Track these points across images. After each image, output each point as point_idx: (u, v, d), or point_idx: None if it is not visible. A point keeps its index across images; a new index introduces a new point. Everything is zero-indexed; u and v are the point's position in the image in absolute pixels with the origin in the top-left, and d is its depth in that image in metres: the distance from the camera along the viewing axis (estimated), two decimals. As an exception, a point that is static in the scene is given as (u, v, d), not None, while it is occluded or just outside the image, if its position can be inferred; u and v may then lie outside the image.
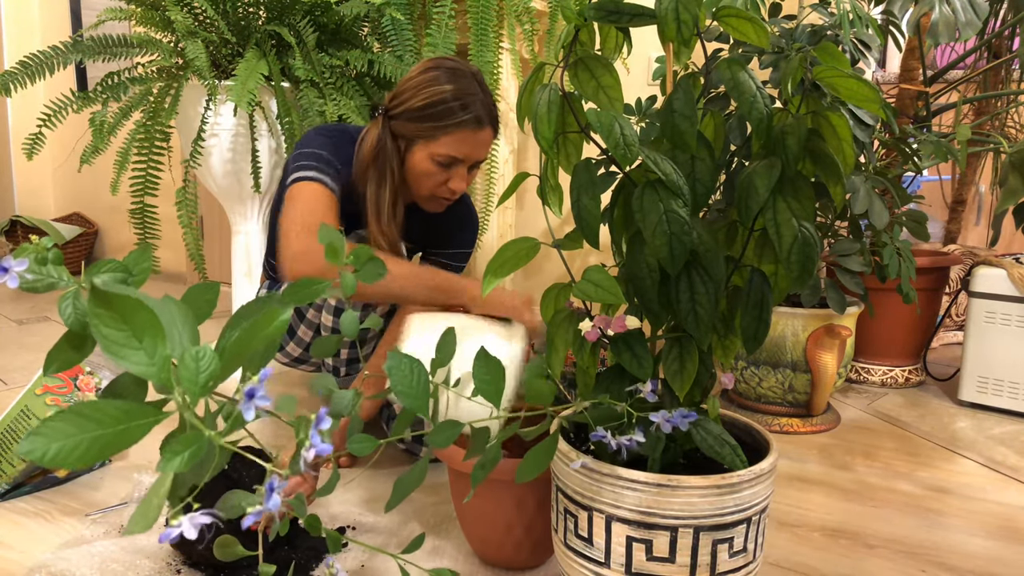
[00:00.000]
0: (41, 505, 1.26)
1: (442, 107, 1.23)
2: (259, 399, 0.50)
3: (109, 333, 0.50)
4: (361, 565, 1.08)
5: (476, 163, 1.30)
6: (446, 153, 1.25)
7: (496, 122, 1.30)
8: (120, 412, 0.48)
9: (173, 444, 0.49)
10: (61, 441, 0.46)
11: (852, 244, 1.67)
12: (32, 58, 1.80)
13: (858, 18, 1.60)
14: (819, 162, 0.81)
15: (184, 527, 0.49)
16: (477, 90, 1.26)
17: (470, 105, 1.24)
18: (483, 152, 1.29)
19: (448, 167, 1.27)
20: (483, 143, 1.28)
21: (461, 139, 1.24)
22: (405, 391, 0.75)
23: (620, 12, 0.79)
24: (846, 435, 1.66)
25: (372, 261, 0.74)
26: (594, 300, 0.77)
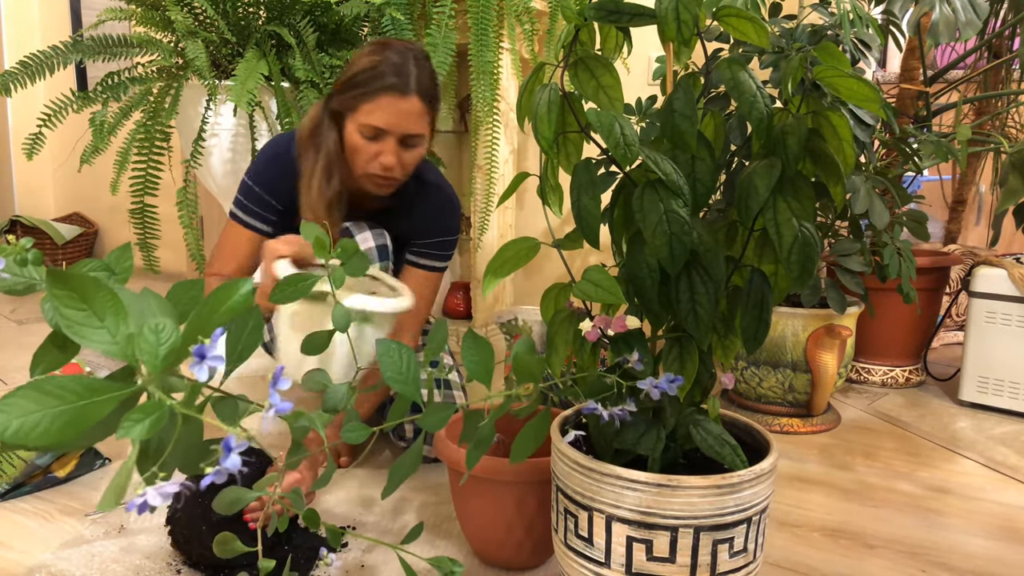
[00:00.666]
0: (41, 505, 1.26)
1: (365, 75, 1.21)
2: (211, 360, 0.49)
3: (69, 313, 0.49)
4: (361, 565, 1.08)
5: (406, 138, 1.24)
6: (368, 123, 1.21)
7: (430, 97, 1.24)
8: (82, 387, 0.47)
9: (133, 413, 0.48)
10: (21, 418, 0.45)
11: (852, 244, 1.67)
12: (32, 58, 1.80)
13: (858, 18, 1.60)
14: (819, 162, 0.81)
15: (149, 496, 0.49)
16: (408, 63, 1.22)
17: (393, 72, 1.20)
18: (410, 124, 1.22)
19: (376, 140, 1.23)
20: (408, 113, 1.21)
21: (381, 106, 1.21)
22: (396, 377, 0.75)
23: (620, 12, 0.79)
24: (846, 435, 1.66)
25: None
26: (594, 300, 0.77)
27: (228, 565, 1.05)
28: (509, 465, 1.01)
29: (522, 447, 0.76)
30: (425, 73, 1.24)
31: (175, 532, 1.08)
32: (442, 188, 1.42)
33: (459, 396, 1.42)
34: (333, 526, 0.83)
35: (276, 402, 0.55)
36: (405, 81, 1.21)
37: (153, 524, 1.20)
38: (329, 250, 0.82)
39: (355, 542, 1.15)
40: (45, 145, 1.86)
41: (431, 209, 1.40)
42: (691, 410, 0.85)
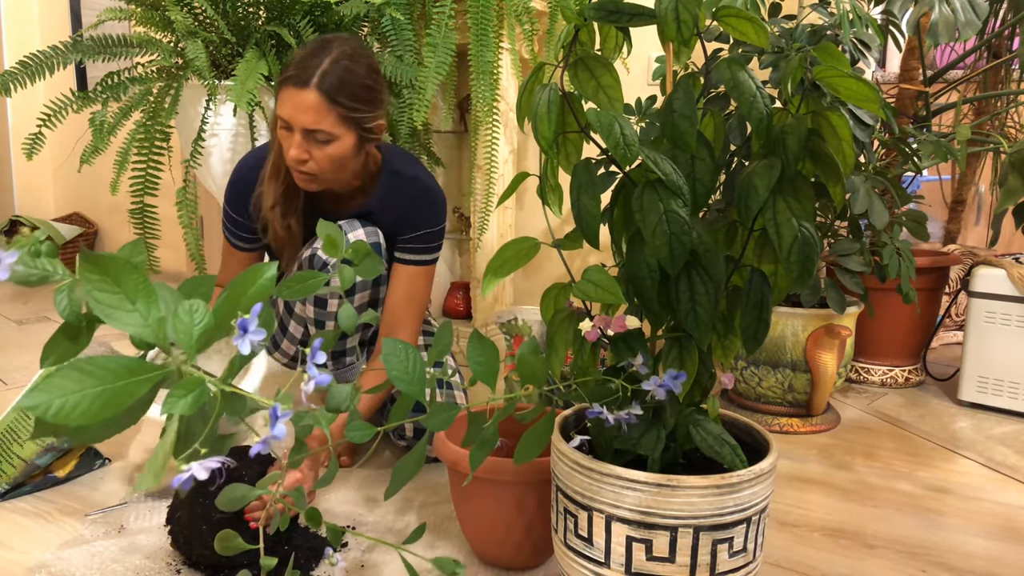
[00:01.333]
0: (41, 505, 1.26)
1: (282, 70, 1.24)
2: (253, 333, 0.50)
3: (102, 297, 0.49)
4: (361, 565, 1.08)
5: (309, 132, 1.22)
6: (279, 114, 1.23)
7: (337, 94, 1.21)
8: (121, 368, 0.48)
9: (176, 389, 0.48)
10: (62, 398, 0.45)
11: (852, 244, 1.67)
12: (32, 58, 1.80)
13: (858, 18, 1.60)
14: (819, 162, 0.81)
15: (195, 470, 0.49)
16: (316, 54, 1.21)
17: (299, 65, 1.21)
18: (306, 118, 1.20)
19: (288, 132, 1.24)
20: (303, 106, 1.20)
21: (283, 98, 1.22)
22: (401, 377, 0.75)
23: (620, 12, 0.79)
24: (846, 435, 1.66)
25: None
26: (594, 300, 0.77)
27: (228, 565, 1.05)
28: (509, 465, 1.01)
29: (527, 450, 0.76)
30: (339, 70, 1.21)
31: (175, 532, 1.08)
32: (420, 179, 1.40)
33: (460, 397, 1.42)
34: (334, 525, 0.83)
35: (315, 374, 0.58)
36: (306, 74, 1.20)
37: (153, 524, 1.20)
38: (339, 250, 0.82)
39: (356, 542, 1.15)
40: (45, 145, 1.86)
41: (410, 202, 1.39)
42: (691, 410, 0.85)
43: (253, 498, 0.78)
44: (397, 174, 1.38)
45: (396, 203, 1.39)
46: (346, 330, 0.83)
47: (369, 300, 1.38)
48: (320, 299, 1.36)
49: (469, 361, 0.80)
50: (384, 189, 1.37)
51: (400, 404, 0.81)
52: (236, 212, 1.38)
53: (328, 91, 1.20)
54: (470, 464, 0.77)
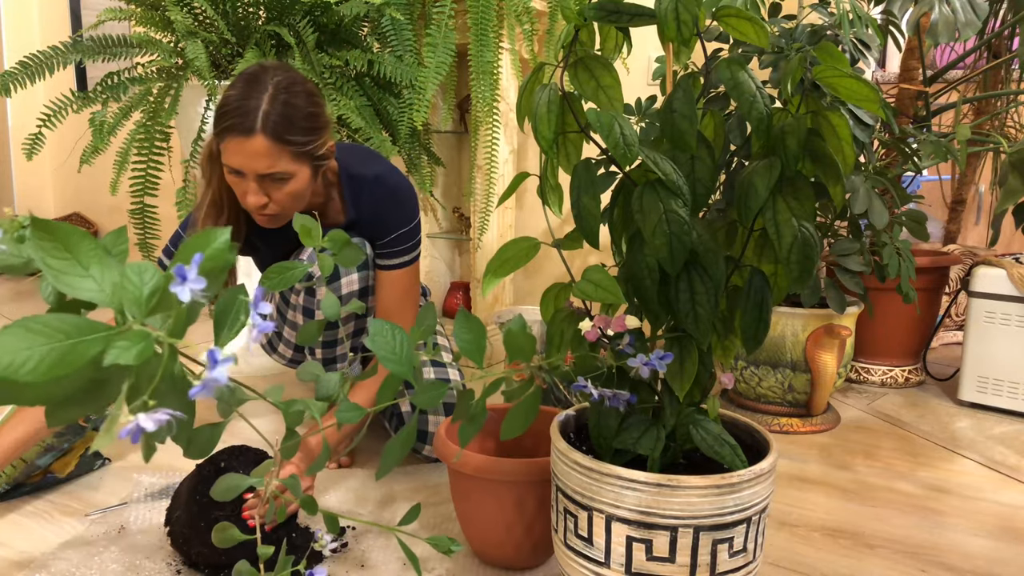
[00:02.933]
0: (41, 505, 1.26)
1: (218, 115, 1.16)
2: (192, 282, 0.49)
3: (56, 263, 0.49)
4: (361, 565, 1.08)
5: (264, 176, 1.17)
6: (226, 163, 1.17)
7: (281, 135, 1.14)
8: (69, 326, 0.46)
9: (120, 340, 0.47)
10: (10, 355, 0.44)
11: (852, 244, 1.67)
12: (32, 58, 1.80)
13: (858, 18, 1.60)
14: (819, 162, 0.81)
15: (140, 420, 0.48)
16: (260, 96, 1.14)
17: (237, 112, 1.13)
18: (257, 163, 1.15)
19: (240, 179, 1.18)
20: (253, 154, 1.14)
21: (229, 148, 1.15)
22: (388, 356, 0.74)
23: (620, 12, 0.79)
24: (846, 435, 1.66)
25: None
26: (594, 300, 0.77)
27: (227, 564, 1.05)
28: (509, 465, 1.01)
29: (513, 424, 0.75)
30: (278, 107, 1.14)
31: (174, 532, 1.08)
32: (382, 178, 1.34)
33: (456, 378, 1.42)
34: (330, 512, 0.82)
35: (259, 322, 0.56)
36: (248, 120, 1.13)
37: (153, 524, 1.20)
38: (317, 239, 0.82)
39: (355, 542, 1.15)
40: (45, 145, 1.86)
41: (377, 204, 1.34)
42: (691, 410, 0.85)
43: (245, 487, 0.78)
44: (356, 177, 1.33)
45: (365, 208, 1.34)
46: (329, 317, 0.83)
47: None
48: (308, 309, 1.35)
49: (456, 337, 0.79)
50: (349, 197, 1.33)
51: (386, 385, 0.79)
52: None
53: (275, 132, 1.14)
54: (459, 439, 0.76)
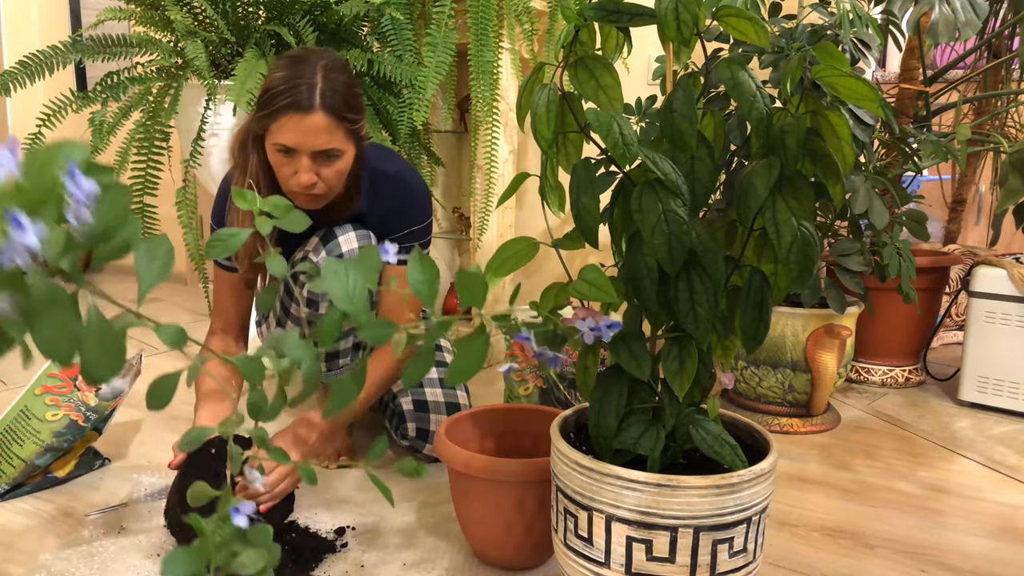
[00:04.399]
0: (41, 505, 1.26)
1: (267, 94, 1.19)
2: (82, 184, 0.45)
3: None
4: (361, 565, 1.08)
5: (318, 154, 1.21)
6: (277, 141, 1.20)
7: (340, 109, 1.20)
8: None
9: None
10: None
11: (852, 244, 1.67)
12: (32, 58, 1.80)
13: (858, 18, 1.60)
14: (819, 162, 0.81)
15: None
16: (313, 75, 1.18)
17: (294, 89, 1.17)
18: (316, 140, 1.19)
19: (290, 158, 1.21)
20: (312, 130, 1.18)
21: (285, 125, 1.18)
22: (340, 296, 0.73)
23: (620, 12, 0.79)
24: (846, 435, 1.66)
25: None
26: (590, 299, 0.77)
27: (228, 565, 1.05)
28: (509, 465, 1.01)
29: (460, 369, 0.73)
30: (335, 84, 1.20)
31: (169, 519, 1.11)
32: (401, 176, 1.38)
33: (461, 395, 1.42)
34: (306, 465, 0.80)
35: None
36: (307, 97, 1.17)
37: (153, 524, 1.20)
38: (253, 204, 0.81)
39: (354, 542, 1.15)
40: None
41: (394, 201, 1.37)
42: (691, 410, 0.85)
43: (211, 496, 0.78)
44: (377, 172, 1.36)
45: (380, 202, 1.37)
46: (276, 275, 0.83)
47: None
48: (312, 300, 1.35)
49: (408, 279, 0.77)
50: (367, 190, 1.36)
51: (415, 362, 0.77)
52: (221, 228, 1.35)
53: (332, 108, 1.19)
54: (403, 381, 0.75)
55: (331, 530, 1.17)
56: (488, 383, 2.01)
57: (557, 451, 0.86)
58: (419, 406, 1.39)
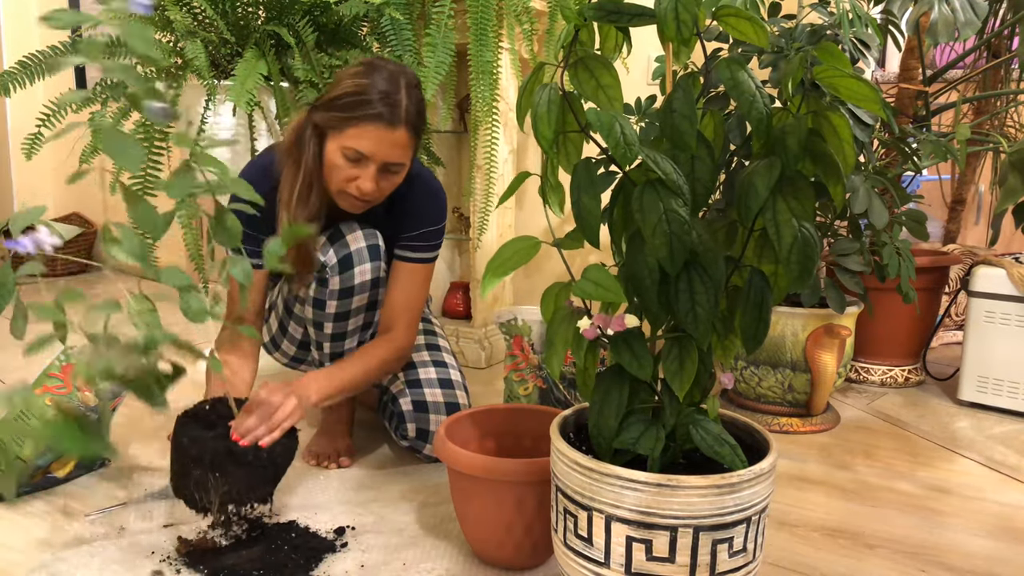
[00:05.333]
0: (41, 505, 1.26)
1: (355, 98, 1.20)
2: None
3: None
4: (361, 565, 1.08)
5: (388, 165, 1.24)
6: (352, 146, 1.21)
7: (417, 130, 1.25)
8: None
9: None
10: None
11: (852, 244, 1.67)
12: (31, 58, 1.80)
13: (857, 17, 1.60)
14: (819, 162, 0.81)
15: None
16: (399, 92, 1.21)
17: (383, 101, 1.19)
18: (393, 153, 1.22)
19: (357, 163, 1.23)
20: (393, 144, 1.21)
21: (368, 134, 1.20)
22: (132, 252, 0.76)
23: (620, 12, 0.79)
24: (846, 435, 1.66)
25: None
26: (594, 299, 0.77)
27: (227, 566, 1.05)
28: (509, 465, 1.01)
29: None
30: (414, 102, 1.23)
31: (172, 481, 1.10)
32: (424, 178, 1.41)
33: (461, 396, 1.42)
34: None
35: None
36: (395, 112, 1.20)
37: (153, 524, 1.19)
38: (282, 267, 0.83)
39: (354, 543, 1.14)
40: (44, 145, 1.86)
41: (414, 202, 1.39)
42: (691, 410, 0.85)
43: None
44: None
45: (399, 201, 1.39)
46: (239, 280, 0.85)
47: (368, 301, 1.38)
48: (319, 300, 1.35)
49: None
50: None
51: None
52: (246, 225, 1.35)
53: (414, 126, 1.24)
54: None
55: (331, 530, 1.17)
56: (488, 383, 2.01)
57: (557, 451, 0.86)
58: (419, 407, 1.39)
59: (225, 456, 1.06)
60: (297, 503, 1.27)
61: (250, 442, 1.08)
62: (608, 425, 0.84)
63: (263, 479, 1.10)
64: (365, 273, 1.34)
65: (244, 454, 1.06)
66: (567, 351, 0.85)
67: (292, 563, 1.07)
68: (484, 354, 2.17)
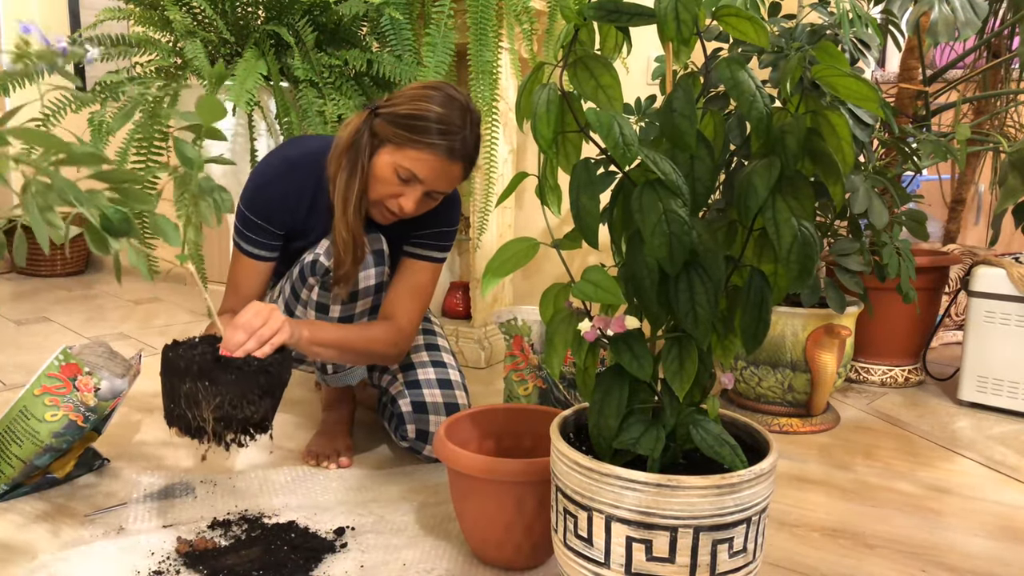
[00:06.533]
0: (40, 505, 1.26)
1: (423, 122, 1.23)
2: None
3: None
4: (361, 566, 1.08)
5: (434, 193, 1.29)
6: (408, 167, 1.24)
7: (471, 164, 1.29)
8: None
9: None
10: None
11: (852, 244, 1.67)
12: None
13: (857, 17, 1.60)
14: (818, 161, 0.81)
15: None
16: (464, 125, 1.25)
17: (450, 133, 1.23)
18: (445, 184, 1.27)
19: (406, 183, 1.26)
20: (448, 175, 1.26)
21: (427, 161, 1.23)
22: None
23: (620, 12, 0.79)
24: (846, 435, 1.66)
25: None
26: (593, 300, 0.77)
27: (227, 566, 1.05)
28: (509, 465, 1.01)
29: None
30: (474, 139, 1.28)
31: (167, 410, 1.08)
32: None
33: (461, 396, 1.42)
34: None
35: None
36: (459, 147, 1.24)
37: (153, 524, 1.19)
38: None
39: (354, 543, 1.14)
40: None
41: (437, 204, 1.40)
42: (691, 410, 0.85)
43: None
44: None
45: None
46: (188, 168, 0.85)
47: (372, 305, 1.38)
48: (322, 304, 1.35)
49: None
50: None
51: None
52: (259, 217, 1.34)
53: (469, 162, 1.29)
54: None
55: (331, 530, 1.17)
56: (488, 383, 2.01)
57: (557, 451, 0.86)
58: (418, 407, 1.39)
59: (213, 363, 1.03)
60: (297, 503, 1.27)
61: (241, 355, 1.06)
62: (608, 425, 0.84)
63: (257, 388, 1.05)
64: (369, 278, 1.34)
65: (234, 361, 1.04)
66: (567, 351, 0.85)
67: (292, 563, 1.07)
68: (484, 354, 2.17)
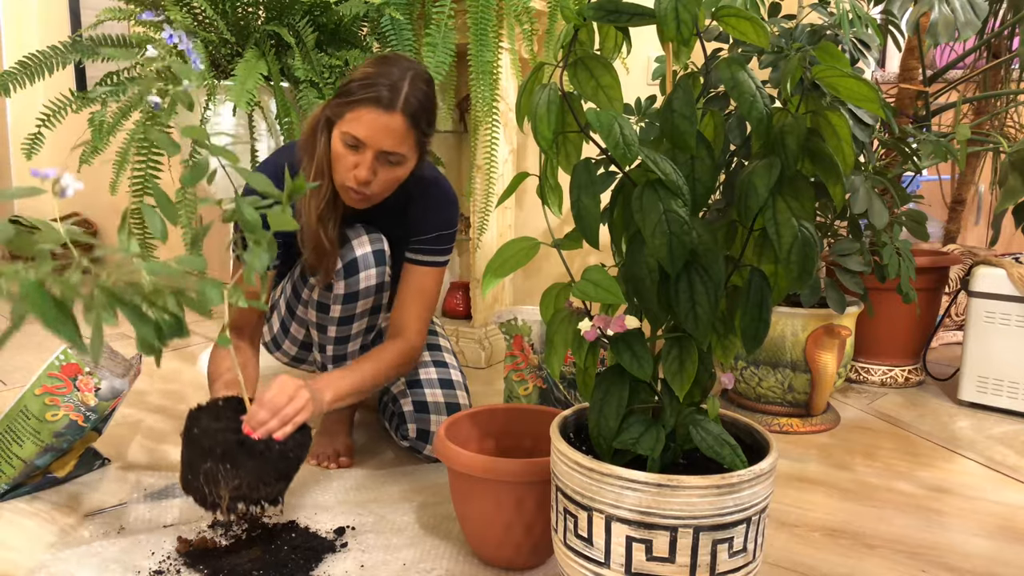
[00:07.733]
0: (41, 505, 1.26)
1: (355, 84, 1.22)
2: None
3: None
4: (361, 566, 1.08)
5: (386, 155, 1.23)
6: (348, 131, 1.21)
7: (418, 119, 1.23)
8: None
9: None
10: None
11: (852, 244, 1.67)
12: (31, 58, 1.80)
13: (857, 18, 1.60)
14: (819, 162, 0.81)
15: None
16: (401, 79, 1.21)
17: (377, 86, 1.19)
18: (389, 140, 1.21)
19: (356, 150, 1.23)
20: (388, 129, 1.20)
21: (363, 117, 1.20)
22: None
23: (620, 12, 0.79)
24: (846, 435, 1.66)
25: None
26: (594, 300, 0.77)
27: (228, 566, 1.05)
28: (509, 465, 1.01)
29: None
30: (419, 94, 1.23)
31: (185, 479, 1.09)
32: (439, 183, 1.42)
33: (461, 396, 1.42)
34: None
35: None
36: (393, 96, 1.20)
37: (153, 525, 1.20)
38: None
39: (354, 543, 1.14)
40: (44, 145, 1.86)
41: (430, 205, 1.40)
42: (691, 410, 0.85)
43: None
44: (420, 177, 1.37)
45: (414, 204, 1.39)
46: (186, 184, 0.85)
47: (372, 305, 1.38)
48: (323, 304, 1.35)
49: None
50: (407, 193, 1.37)
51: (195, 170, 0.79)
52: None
53: (412, 115, 1.22)
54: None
55: (331, 530, 1.17)
56: (488, 383, 2.01)
57: (557, 451, 0.86)
58: (419, 407, 1.39)
59: (236, 447, 1.05)
60: (297, 503, 1.27)
61: (263, 435, 1.07)
62: (608, 425, 0.84)
63: (275, 473, 1.08)
64: (370, 278, 1.34)
65: (256, 445, 1.06)
66: (567, 351, 0.85)
67: (292, 563, 1.07)
68: (484, 354, 2.17)
